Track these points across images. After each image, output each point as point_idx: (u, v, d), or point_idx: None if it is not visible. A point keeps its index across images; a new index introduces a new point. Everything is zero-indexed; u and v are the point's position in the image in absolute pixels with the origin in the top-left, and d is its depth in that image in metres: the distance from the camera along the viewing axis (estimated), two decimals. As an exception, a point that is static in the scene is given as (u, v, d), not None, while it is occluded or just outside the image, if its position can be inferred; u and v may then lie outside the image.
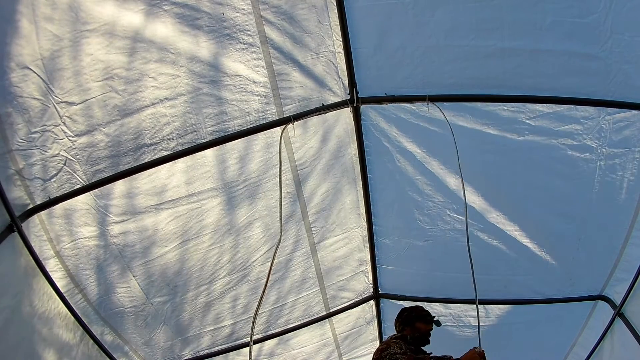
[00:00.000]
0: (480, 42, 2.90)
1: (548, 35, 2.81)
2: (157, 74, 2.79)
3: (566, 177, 3.42)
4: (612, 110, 3.07)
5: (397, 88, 3.20)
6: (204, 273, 3.75)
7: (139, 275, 3.54)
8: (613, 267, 3.80)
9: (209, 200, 3.40)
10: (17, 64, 2.49)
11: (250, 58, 2.90)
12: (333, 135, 3.49)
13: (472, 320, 4.53)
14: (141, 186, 3.17)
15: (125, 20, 2.57)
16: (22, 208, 2.90)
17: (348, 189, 3.82)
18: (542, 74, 2.98)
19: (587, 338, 4.31)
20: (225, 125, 3.10)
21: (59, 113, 2.73)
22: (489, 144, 3.35)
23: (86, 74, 2.66)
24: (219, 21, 2.73)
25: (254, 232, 3.70)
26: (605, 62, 2.84)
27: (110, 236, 3.28)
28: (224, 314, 4.12)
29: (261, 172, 3.43)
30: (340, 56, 3.05)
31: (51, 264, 3.18)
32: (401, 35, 2.95)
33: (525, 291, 4.18)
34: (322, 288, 4.38)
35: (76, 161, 2.92)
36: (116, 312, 3.68)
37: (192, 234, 3.50)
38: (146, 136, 2.98)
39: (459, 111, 3.27)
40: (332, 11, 2.85)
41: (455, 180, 3.60)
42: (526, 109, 3.18)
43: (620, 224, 3.54)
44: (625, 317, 3.80)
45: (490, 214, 3.74)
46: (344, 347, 5.09)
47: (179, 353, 4.25)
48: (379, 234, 4.12)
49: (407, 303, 4.55)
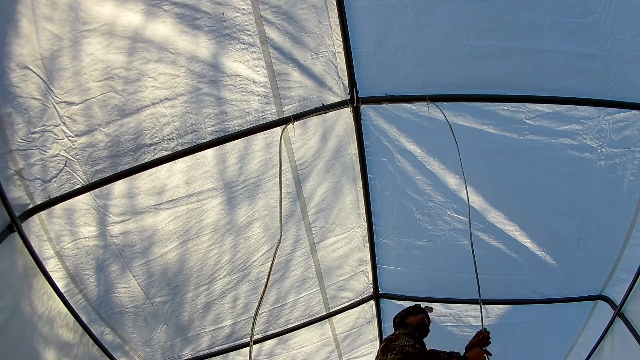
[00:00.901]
0: (480, 42, 2.90)
1: (548, 35, 2.81)
2: (157, 74, 2.79)
3: (566, 177, 3.42)
4: (612, 110, 3.07)
5: (397, 88, 3.20)
6: (204, 273, 3.75)
7: (139, 275, 3.54)
8: (613, 267, 3.80)
9: (209, 200, 3.40)
10: (17, 64, 2.49)
11: (250, 58, 2.90)
12: (333, 135, 3.49)
13: (472, 320, 4.52)
14: (141, 186, 3.17)
15: (125, 20, 2.57)
16: (22, 208, 2.90)
17: (348, 188, 3.82)
18: (542, 74, 2.98)
19: (587, 338, 4.31)
20: (225, 125, 3.10)
21: (59, 113, 2.73)
22: (489, 143, 3.35)
23: (86, 74, 2.66)
24: (219, 21, 2.73)
25: (254, 232, 3.70)
26: (605, 62, 2.84)
27: (110, 236, 3.28)
28: (224, 314, 4.12)
29: (261, 172, 3.43)
30: (340, 56, 3.05)
31: (51, 264, 3.19)
32: (401, 35, 2.95)
33: (525, 291, 4.18)
34: (322, 288, 4.38)
35: (76, 161, 2.93)
36: (116, 312, 3.68)
37: (192, 234, 3.50)
38: (146, 136, 2.98)
39: (459, 111, 3.27)
40: (332, 11, 2.85)
41: (455, 180, 3.60)
42: (526, 109, 3.18)
43: (620, 224, 3.54)
44: (625, 317, 3.80)
45: (490, 214, 3.74)
46: (343, 347, 5.09)
47: (179, 353, 4.25)
48: (379, 234, 4.12)
49: (407, 303, 4.56)
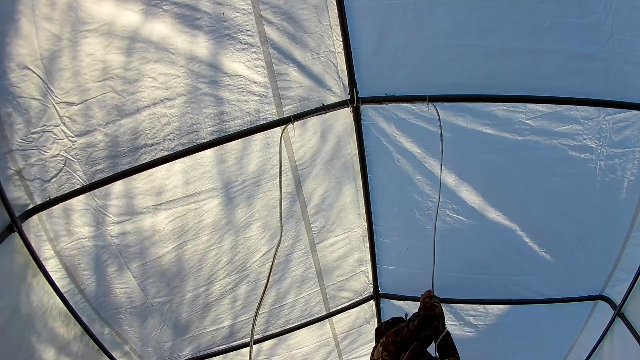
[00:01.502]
0: (480, 42, 2.90)
1: (548, 35, 2.81)
2: (156, 74, 2.79)
3: (566, 177, 3.42)
4: (612, 110, 3.07)
5: (397, 88, 3.19)
6: (203, 273, 3.74)
7: (139, 276, 3.54)
8: (613, 267, 3.80)
9: (209, 201, 3.40)
10: (17, 64, 2.49)
11: (250, 58, 2.90)
12: (333, 135, 3.49)
13: (472, 320, 4.52)
14: (141, 186, 3.17)
15: (125, 20, 2.57)
16: (22, 208, 2.90)
17: (348, 188, 3.82)
18: (542, 74, 2.98)
19: (587, 338, 4.31)
20: (225, 125, 3.10)
21: (59, 113, 2.73)
22: (488, 144, 3.35)
23: (86, 74, 2.66)
24: (219, 21, 2.73)
25: (253, 232, 3.70)
26: (605, 62, 2.83)
27: (110, 236, 3.28)
28: (224, 315, 4.11)
29: (261, 172, 3.42)
30: (340, 56, 3.05)
31: (51, 264, 3.19)
32: (401, 35, 2.95)
33: (525, 291, 4.17)
34: (322, 288, 4.38)
35: (76, 161, 2.93)
36: (116, 312, 3.68)
37: (191, 234, 3.50)
38: (146, 136, 2.98)
39: (459, 111, 3.26)
40: (332, 11, 2.85)
41: (455, 180, 3.60)
42: (526, 109, 3.17)
43: (620, 224, 3.54)
44: (625, 317, 3.80)
45: (490, 214, 3.73)
46: (343, 347, 5.09)
47: (179, 353, 4.25)
48: (379, 234, 4.11)
49: (407, 303, 4.56)
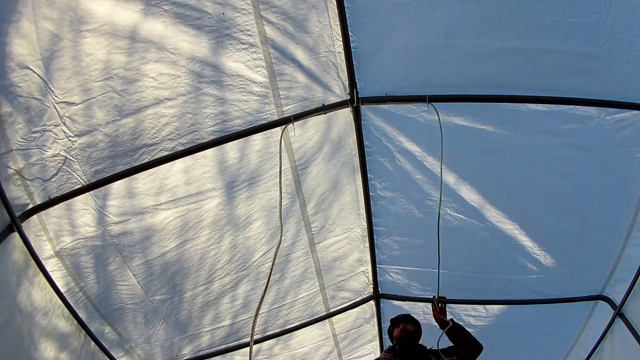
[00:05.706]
0: (480, 42, 2.90)
1: (548, 35, 2.81)
2: (157, 74, 2.79)
3: (566, 176, 3.42)
4: (612, 110, 3.06)
5: (397, 88, 3.19)
6: (203, 273, 3.75)
7: (139, 275, 3.54)
8: (613, 267, 3.80)
9: (209, 201, 3.40)
10: (17, 64, 2.49)
11: (250, 58, 2.90)
12: (333, 135, 3.49)
13: (472, 320, 4.52)
14: (141, 186, 3.17)
15: (125, 20, 2.57)
16: (22, 208, 2.90)
17: (348, 188, 3.82)
18: (542, 74, 2.98)
19: (587, 338, 4.31)
20: (225, 125, 3.10)
21: (59, 113, 2.73)
22: (488, 143, 3.35)
23: (86, 74, 2.66)
24: (220, 21, 2.73)
25: (253, 232, 3.70)
26: (605, 62, 2.83)
27: (109, 236, 3.28)
28: (224, 314, 4.12)
29: (261, 172, 3.42)
30: (340, 56, 3.05)
31: (51, 264, 3.19)
32: (401, 35, 2.95)
33: (525, 291, 4.17)
34: (322, 288, 4.38)
35: (76, 161, 2.92)
36: (116, 311, 3.68)
37: (191, 234, 3.50)
38: (146, 136, 2.98)
39: (459, 111, 3.26)
40: (332, 11, 2.85)
41: (455, 179, 3.61)
42: (526, 108, 3.17)
43: (620, 224, 3.53)
44: (625, 317, 3.80)
45: (489, 213, 3.73)
46: (343, 347, 5.09)
47: (179, 352, 4.25)
48: (379, 234, 4.11)
49: (407, 303, 4.57)
